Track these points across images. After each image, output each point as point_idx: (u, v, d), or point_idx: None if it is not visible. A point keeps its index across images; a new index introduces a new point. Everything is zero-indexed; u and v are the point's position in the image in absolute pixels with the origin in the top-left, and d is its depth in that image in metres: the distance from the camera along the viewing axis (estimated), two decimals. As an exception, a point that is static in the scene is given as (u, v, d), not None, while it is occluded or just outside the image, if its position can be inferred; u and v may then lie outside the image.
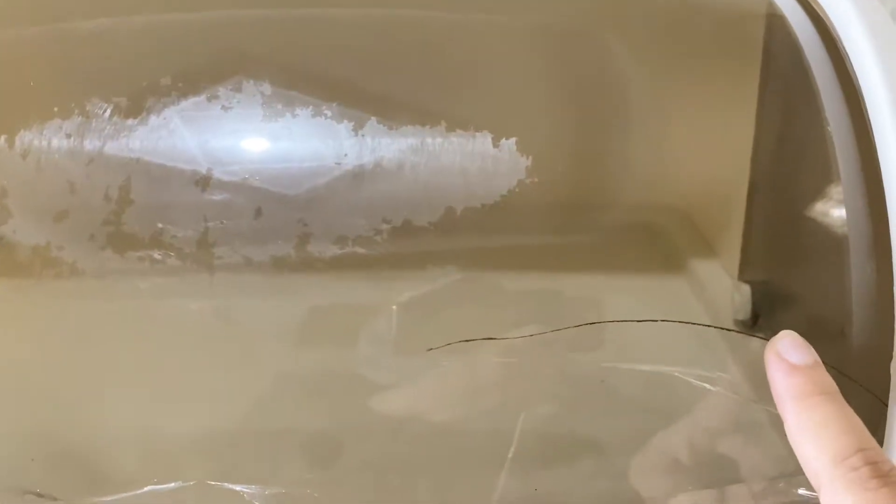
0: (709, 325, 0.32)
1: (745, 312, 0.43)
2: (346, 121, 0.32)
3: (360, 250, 0.32)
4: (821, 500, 0.23)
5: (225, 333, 0.34)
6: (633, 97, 0.44)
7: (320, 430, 0.33)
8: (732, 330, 0.36)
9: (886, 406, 0.28)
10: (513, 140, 0.34)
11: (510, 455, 0.32)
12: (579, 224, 0.47)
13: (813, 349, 0.26)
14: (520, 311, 0.38)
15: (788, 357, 0.25)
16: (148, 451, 0.33)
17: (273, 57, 0.34)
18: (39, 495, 0.28)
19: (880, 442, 0.28)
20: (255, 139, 0.33)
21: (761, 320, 0.43)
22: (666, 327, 0.36)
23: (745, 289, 0.43)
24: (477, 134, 0.33)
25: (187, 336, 0.33)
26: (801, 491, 0.28)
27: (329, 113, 0.32)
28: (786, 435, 0.25)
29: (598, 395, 0.36)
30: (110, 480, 0.32)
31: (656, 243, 0.49)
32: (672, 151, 0.47)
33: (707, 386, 0.29)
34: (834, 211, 0.33)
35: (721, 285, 0.45)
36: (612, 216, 0.48)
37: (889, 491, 0.22)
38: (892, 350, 0.28)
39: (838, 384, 0.27)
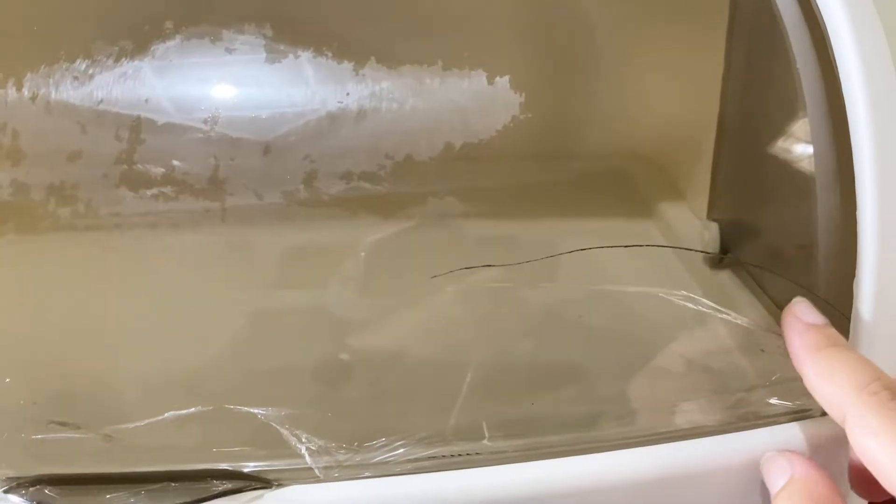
0: (679, 248, 0.34)
1: (714, 248, 0.45)
2: (346, 61, 0.33)
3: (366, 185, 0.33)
4: (847, 431, 0.25)
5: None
6: (600, 42, 0.45)
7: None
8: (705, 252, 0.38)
9: (849, 320, 0.30)
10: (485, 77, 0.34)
11: (467, 379, 0.33)
12: (547, 171, 0.48)
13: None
14: (492, 258, 0.39)
15: (804, 318, 0.29)
16: (151, 386, 0.34)
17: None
18: (63, 424, 0.29)
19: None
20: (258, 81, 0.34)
21: (730, 255, 0.45)
22: (635, 263, 0.38)
23: (713, 226, 0.45)
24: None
25: (201, 266, 0.34)
26: (773, 400, 0.30)
27: (330, 54, 0.33)
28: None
29: (575, 327, 0.38)
30: (119, 413, 0.33)
31: (625, 188, 0.50)
32: (639, 97, 0.48)
33: (689, 305, 0.31)
34: (802, 146, 0.35)
35: (689, 226, 0.47)
36: (581, 162, 0.50)
37: None
38: (854, 271, 0.30)
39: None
